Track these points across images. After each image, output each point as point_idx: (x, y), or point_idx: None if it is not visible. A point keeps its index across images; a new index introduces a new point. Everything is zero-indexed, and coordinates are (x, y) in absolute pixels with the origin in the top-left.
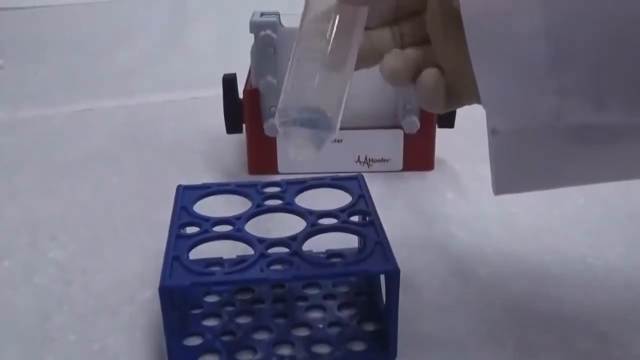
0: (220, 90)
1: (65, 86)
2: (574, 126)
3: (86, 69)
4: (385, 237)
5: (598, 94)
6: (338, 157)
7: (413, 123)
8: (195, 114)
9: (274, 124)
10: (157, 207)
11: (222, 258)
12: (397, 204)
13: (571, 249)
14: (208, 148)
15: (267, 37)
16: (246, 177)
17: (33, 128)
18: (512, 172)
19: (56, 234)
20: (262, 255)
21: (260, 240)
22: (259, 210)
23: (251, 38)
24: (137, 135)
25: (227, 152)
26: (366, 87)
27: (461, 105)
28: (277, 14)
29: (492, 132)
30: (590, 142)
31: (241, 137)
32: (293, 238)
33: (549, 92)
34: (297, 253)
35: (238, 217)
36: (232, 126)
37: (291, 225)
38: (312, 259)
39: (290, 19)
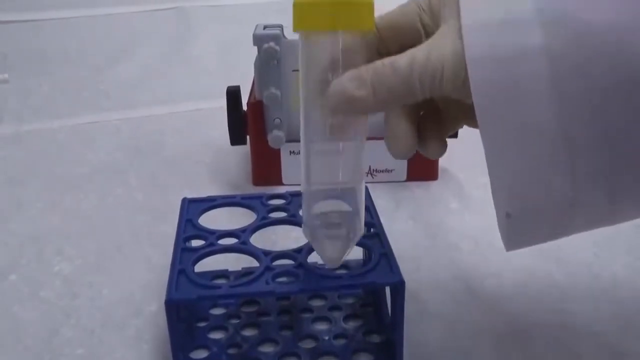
0: (224, 102)
1: (70, 99)
2: (588, 212)
3: (90, 81)
4: (390, 249)
5: (611, 186)
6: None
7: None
8: (199, 125)
9: (277, 136)
10: (162, 220)
11: (227, 270)
12: (401, 215)
13: (577, 258)
14: (212, 160)
15: (271, 50)
16: (251, 189)
17: (38, 141)
18: (522, 236)
19: (62, 247)
20: (268, 268)
21: (266, 253)
22: (263, 222)
23: (255, 50)
24: (141, 148)
25: (232, 163)
26: None
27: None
28: (281, 27)
29: (504, 217)
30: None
31: (245, 149)
32: (298, 250)
33: (563, 183)
34: (302, 265)
35: (243, 230)
36: (236, 138)
37: (296, 237)
38: (317, 271)
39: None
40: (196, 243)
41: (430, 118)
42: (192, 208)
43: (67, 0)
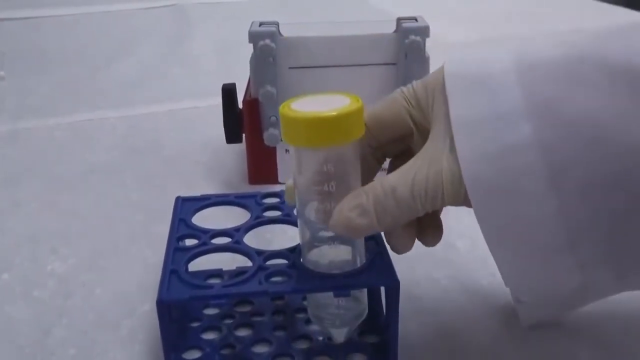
0: (220, 100)
1: (67, 97)
2: (598, 291)
3: (87, 79)
4: (385, 249)
5: (618, 268)
6: None
7: None
8: (196, 124)
9: (273, 134)
10: (157, 219)
11: (221, 269)
12: None
13: None
14: (209, 158)
15: (266, 47)
16: (246, 187)
17: (35, 139)
18: (536, 317)
19: (57, 246)
20: (261, 268)
21: (259, 253)
22: (258, 221)
23: (251, 47)
24: (138, 146)
25: (228, 162)
26: (365, 96)
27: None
28: (276, 24)
29: (516, 301)
30: None
31: (241, 147)
32: (292, 250)
33: (570, 273)
34: (296, 265)
35: (237, 229)
36: (232, 136)
37: (291, 236)
38: (311, 271)
39: (290, 29)
40: (189, 242)
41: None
42: (185, 207)
43: None
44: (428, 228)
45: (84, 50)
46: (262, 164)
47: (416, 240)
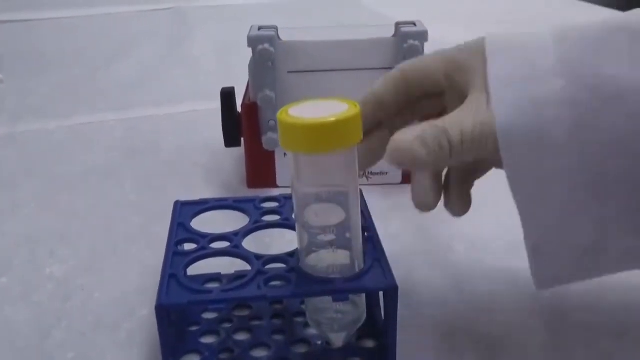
0: (219, 103)
1: (66, 100)
2: (615, 249)
3: (86, 82)
4: (384, 253)
5: (631, 224)
6: None
7: None
8: (195, 127)
9: (272, 138)
10: (156, 221)
11: (220, 274)
12: (396, 218)
13: None
14: (207, 161)
15: (265, 51)
16: (245, 190)
17: (33, 142)
18: (551, 274)
19: (55, 249)
20: (260, 272)
21: (258, 257)
22: (256, 226)
23: (250, 50)
24: (137, 149)
25: (226, 165)
26: None
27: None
28: (275, 28)
29: (533, 250)
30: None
31: (240, 150)
32: (291, 254)
33: (590, 221)
34: (294, 269)
35: (235, 234)
36: (231, 140)
37: (290, 240)
38: (310, 276)
39: (289, 33)
40: (188, 247)
41: (455, 174)
42: (184, 211)
43: (64, 0)
44: (455, 194)
45: (83, 53)
46: (260, 168)
47: (414, 247)
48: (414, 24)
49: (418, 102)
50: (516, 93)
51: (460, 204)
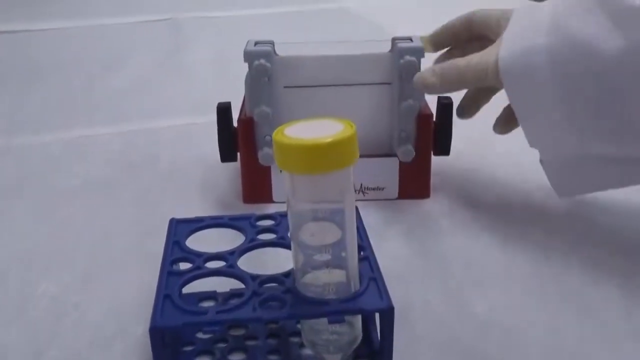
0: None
1: (62, 112)
2: (597, 155)
3: (83, 93)
4: (380, 274)
5: (604, 138)
6: None
7: (408, 151)
8: (192, 140)
9: (268, 153)
10: (152, 237)
11: (215, 292)
12: (392, 234)
13: (569, 279)
14: (204, 176)
15: (262, 67)
16: (241, 206)
17: (28, 155)
18: (564, 183)
19: (50, 265)
20: (255, 293)
21: (253, 277)
22: (252, 244)
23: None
24: (133, 162)
25: (222, 179)
26: (360, 115)
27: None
28: (272, 43)
29: (540, 160)
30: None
31: (237, 165)
32: (286, 274)
33: (571, 134)
34: (290, 290)
35: (231, 252)
36: (227, 155)
37: (286, 257)
38: (305, 297)
39: (285, 48)
40: (183, 266)
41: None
42: (179, 229)
43: (60, 10)
44: (470, 106)
45: (80, 64)
46: (256, 183)
47: (410, 265)
48: (411, 40)
49: (478, 40)
50: (514, 43)
51: (469, 112)
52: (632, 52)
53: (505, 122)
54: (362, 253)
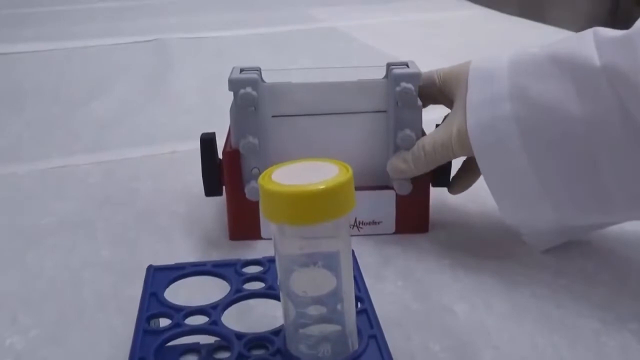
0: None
1: (39, 140)
2: (574, 226)
3: (62, 120)
4: (381, 330)
5: (580, 206)
6: None
7: (405, 184)
8: (175, 170)
9: (255, 187)
10: (129, 281)
11: (199, 344)
12: (390, 273)
13: (580, 324)
14: (187, 210)
15: (248, 95)
16: (227, 243)
17: (1, 188)
18: (539, 244)
19: (17, 314)
20: (241, 356)
21: (239, 336)
22: (237, 296)
23: None
24: (111, 197)
25: (207, 214)
26: (354, 145)
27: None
28: (258, 70)
29: (516, 229)
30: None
31: (222, 198)
32: (276, 332)
33: (546, 203)
34: (280, 351)
35: (214, 306)
36: (211, 189)
37: (276, 309)
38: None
39: (273, 75)
40: (161, 322)
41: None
42: (157, 278)
43: (41, 32)
44: (461, 180)
45: (61, 88)
46: (243, 219)
47: (410, 308)
48: (407, 65)
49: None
50: (480, 113)
51: (460, 186)
52: (600, 115)
53: (461, 183)
54: (359, 305)
